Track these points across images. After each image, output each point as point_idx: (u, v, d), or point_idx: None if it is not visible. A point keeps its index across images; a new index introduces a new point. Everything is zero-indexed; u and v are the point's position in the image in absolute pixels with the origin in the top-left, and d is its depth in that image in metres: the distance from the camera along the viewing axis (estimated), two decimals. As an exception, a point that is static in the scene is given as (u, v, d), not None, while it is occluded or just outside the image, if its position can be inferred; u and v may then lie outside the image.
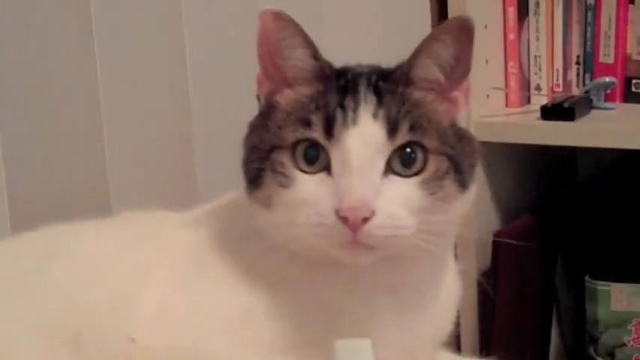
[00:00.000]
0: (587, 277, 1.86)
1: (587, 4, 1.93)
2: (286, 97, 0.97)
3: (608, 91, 1.91)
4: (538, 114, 1.84)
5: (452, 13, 1.82)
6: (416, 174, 0.93)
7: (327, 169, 0.92)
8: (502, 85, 1.94)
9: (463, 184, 0.95)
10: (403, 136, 0.92)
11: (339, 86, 0.95)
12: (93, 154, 1.34)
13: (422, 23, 1.80)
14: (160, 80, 1.41)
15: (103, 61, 1.32)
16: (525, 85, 1.97)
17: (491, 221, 1.92)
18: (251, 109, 1.00)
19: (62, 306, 0.97)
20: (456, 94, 0.98)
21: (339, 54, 1.00)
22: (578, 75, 1.97)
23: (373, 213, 0.89)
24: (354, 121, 0.92)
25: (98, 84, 1.32)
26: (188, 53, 1.42)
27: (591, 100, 1.88)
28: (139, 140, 1.39)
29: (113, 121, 1.34)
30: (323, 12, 1.62)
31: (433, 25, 1.82)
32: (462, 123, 0.99)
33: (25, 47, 1.27)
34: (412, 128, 0.93)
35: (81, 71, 1.32)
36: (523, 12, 1.93)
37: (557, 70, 1.95)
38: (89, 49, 1.31)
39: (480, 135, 1.02)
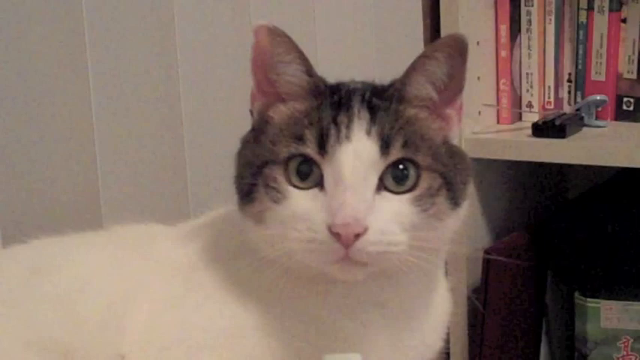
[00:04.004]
0: (576, 294, 1.86)
1: (579, 22, 1.93)
2: (280, 113, 0.97)
3: (600, 109, 1.91)
4: (529, 131, 1.84)
5: (444, 29, 1.83)
6: (408, 190, 0.93)
7: (319, 184, 0.92)
8: (494, 101, 1.95)
9: (455, 202, 0.95)
10: (396, 153, 0.92)
11: (333, 102, 0.95)
12: (85, 165, 1.33)
13: (415, 40, 1.81)
14: (152, 92, 1.41)
15: (95, 73, 1.32)
16: (517, 102, 1.97)
17: (482, 238, 1.92)
18: (244, 124, 1.00)
19: (53, 322, 0.97)
20: (449, 111, 0.98)
21: (332, 70, 1.00)
22: (569, 92, 1.97)
23: (366, 229, 0.89)
24: (348, 137, 0.92)
25: (90, 94, 1.32)
26: (180, 65, 1.42)
27: (582, 118, 1.88)
28: (130, 152, 1.39)
29: (105, 134, 1.34)
30: (316, 28, 1.62)
31: (426, 42, 1.82)
32: (455, 140, 0.99)
33: (16, 56, 1.27)
34: (405, 145, 0.93)
35: (73, 83, 1.32)
36: (515, 29, 1.94)
37: (549, 87, 1.96)
38: (82, 61, 1.31)
39: (471, 151, 1.03)
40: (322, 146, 0.92)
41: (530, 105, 1.96)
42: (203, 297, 0.98)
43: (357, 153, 0.91)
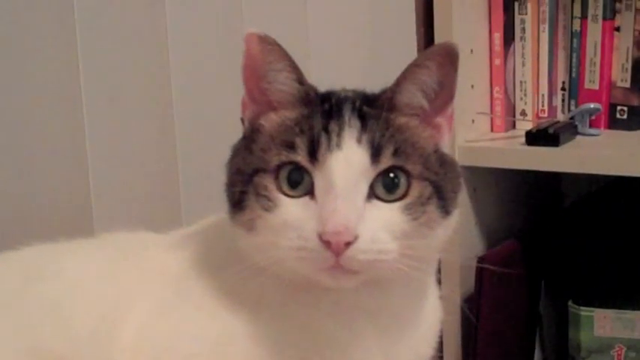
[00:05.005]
0: (570, 303, 1.86)
1: (573, 30, 1.94)
2: (271, 121, 0.97)
3: (593, 118, 1.91)
4: (523, 139, 1.84)
5: (438, 37, 1.83)
6: (399, 199, 0.93)
7: (310, 192, 0.92)
8: (487, 110, 1.95)
9: (446, 210, 0.95)
10: (387, 161, 0.92)
11: (324, 110, 0.95)
12: (76, 173, 1.33)
13: (408, 48, 1.81)
14: (144, 99, 1.41)
15: (87, 81, 1.32)
16: (510, 110, 1.97)
17: (475, 246, 1.92)
18: (235, 132, 1.00)
19: (44, 330, 0.97)
20: (440, 120, 0.98)
21: (324, 78, 1.00)
22: (563, 101, 1.97)
23: (356, 237, 0.89)
24: (338, 145, 0.92)
25: (82, 102, 1.32)
26: (172, 73, 1.43)
27: (576, 126, 1.88)
28: (122, 160, 1.39)
29: (97, 142, 1.34)
30: (308, 36, 1.62)
31: (419, 50, 1.82)
32: (446, 149, 0.99)
33: (7, 60, 1.27)
34: (396, 153, 0.93)
35: (65, 91, 1.32)
36: (509, 37, 1.94)
37: (543, 95, 1.96)
38: (74, 70, 1.32)
39: (464, 159, 1.03)
40: (313, 154, 0.92)
41: (523, 113, 1.96)
42: (194, 305, 0.98)
43: (348, 161, 0.91)
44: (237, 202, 0.95)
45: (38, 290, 1.00)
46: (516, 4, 1.92)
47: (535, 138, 1.83)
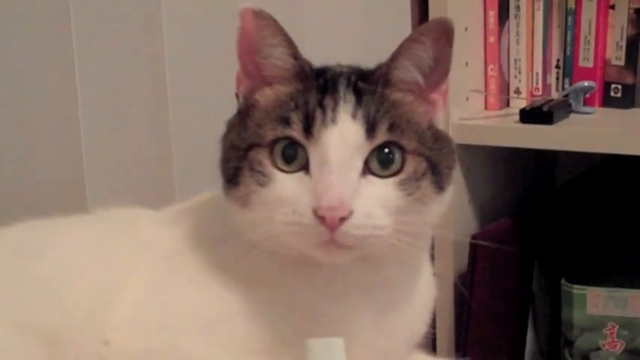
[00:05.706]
0: (563, 281, 1.86)
1: (568, 8, 1.93)
2: (266, 96, 0.97)
3: (587, 96, 1.91)
4: (517, 117, 1.84)
5: (433, 14, 1.82)
6: (394, 174, 0.93)
7: (305, 168, 0.92)
8: (482, 87, 1.94)
9: (440, 186, 0.95)
10: (382, 136, 0.92)
11: (319, 85, 0.95)
12: (70, 150, 1.33)
13: (402, 24, 1.80)
14: (138, 76, 1.41)
15: (81, 57, 1.32)
16: (505, 88, 1.97)
17: (469, 223, 1.92)
18: (229, 108, 1.00)
19: (39, 306, 0.97)
20: (435, 96, 0.98)
21: (319, 54, 1.00)
22: (557, 79, 1.97)
23: (351, 212, 0.90)
24: (333, 121, 0.92)
25: (76, 78, 1.32)
26: (167, 48, 1.42)
27: (570, 104, 1.88)
28: (116, 136, 1.39)
29: (90, 117, 1.34)
30: (303, 12, 1.62)
31: (414, 27, 1.82)
32: (440, 125, 0.99)
33: (2, 45, 1.26)
34: (391, 128, 0.93)
35: (58, 66, 1.31)
36: (504, 15, 1.93)
37: (537, 73, 1.95)
38: (68, 50, 1.31)
39: (458, 137, 1.03)
40: (308, 129, 0.92)
41: (518, 91, 1.96)
42: (188, 281, 0.98)
43: (343, 136, 0.91)
44: (232, 177, 0.95)
45: (32, 266, 1.00)
46: (511, -18, 1.92)
47: (529, 116, 1.82)
